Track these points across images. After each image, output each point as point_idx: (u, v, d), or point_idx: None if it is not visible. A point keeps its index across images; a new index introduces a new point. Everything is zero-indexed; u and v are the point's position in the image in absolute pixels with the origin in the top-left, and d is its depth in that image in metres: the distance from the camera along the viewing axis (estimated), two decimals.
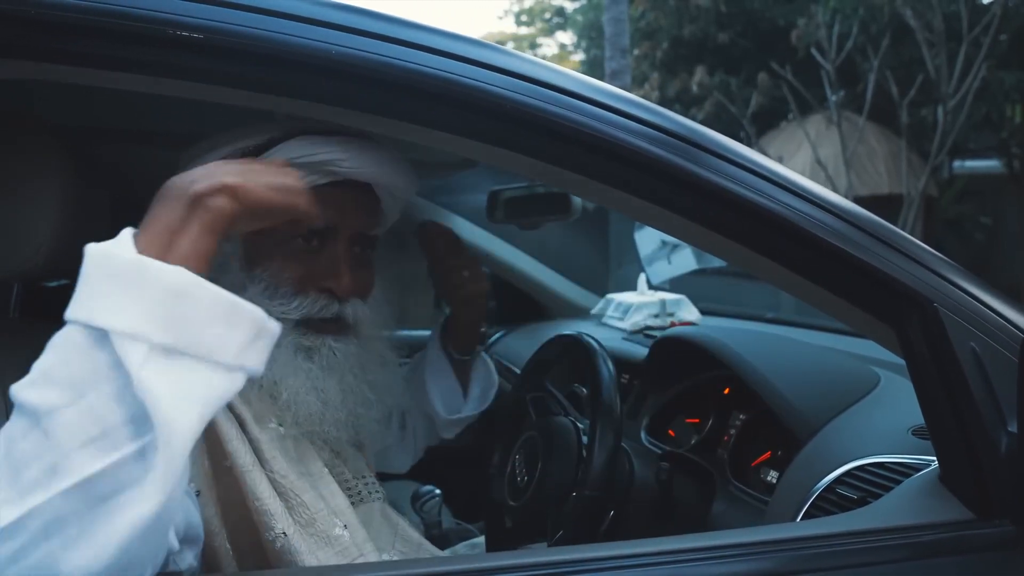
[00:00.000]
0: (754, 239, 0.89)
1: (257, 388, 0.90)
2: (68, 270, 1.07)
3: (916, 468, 0.99)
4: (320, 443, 0.95)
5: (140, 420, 0.53)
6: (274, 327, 0.63)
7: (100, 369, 0.54)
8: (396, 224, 2.17)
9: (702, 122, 0.90)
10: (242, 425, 0.86)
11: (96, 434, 0.52)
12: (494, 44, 0.85)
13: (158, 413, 0.52)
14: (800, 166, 9.16)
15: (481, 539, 1.42)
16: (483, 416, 1.39)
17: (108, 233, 1.05)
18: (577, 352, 1.23)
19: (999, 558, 0.84)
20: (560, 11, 18.00)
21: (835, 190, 8.27)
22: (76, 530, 0.50)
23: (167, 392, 0.53)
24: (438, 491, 1.62)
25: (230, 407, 0.85)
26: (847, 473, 1.03)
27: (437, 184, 2.20)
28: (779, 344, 1.38)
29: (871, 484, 1.00)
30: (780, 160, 9.07)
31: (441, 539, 1.53)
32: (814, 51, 8.25)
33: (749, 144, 9.39)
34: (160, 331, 0.55)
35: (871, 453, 1.05)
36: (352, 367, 0.96)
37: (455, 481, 1.87)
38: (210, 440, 0.82)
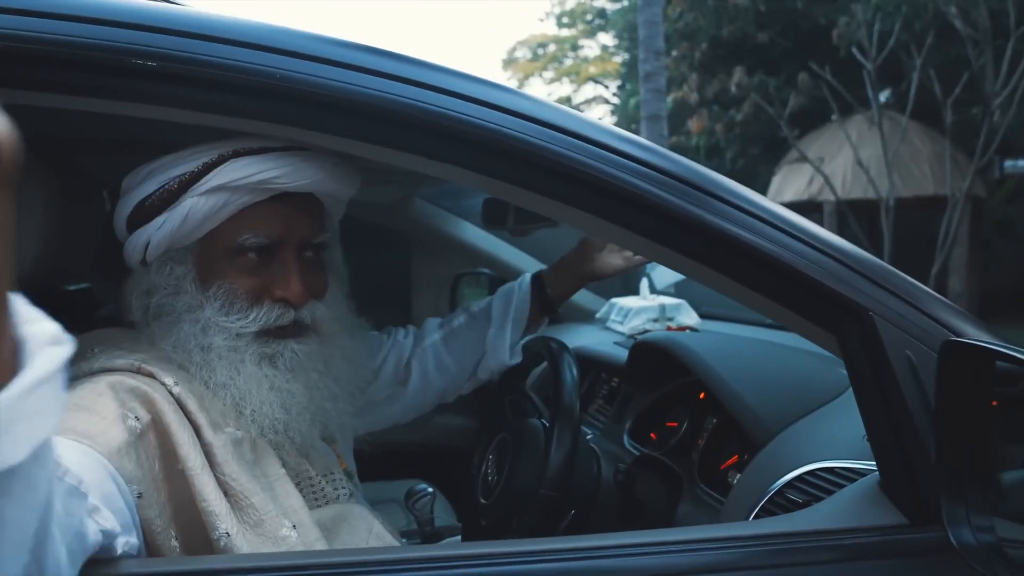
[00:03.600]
0: (701, 252, 0.91)
1: (220, 402, 0.94)
2: (61, 274, 1.15)
3: (863, 474, 1.00)
4: (286, 444, 0.99)
5: None
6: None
7: None
8: (425, 234, 2.22)
9: (740, 123, 0.92)
10: (197, 431, 0.90)
11: None
12: (498, 82, 0.89)
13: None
14: (841, 167, 9.01)
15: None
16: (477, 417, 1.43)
17: (100, 235, 1.11)
18: (547, 355, 1.27)
19: (926, 563, 0.85)
20: (602, 12, 17.97)
21: (877, 192, 8.14)
22: None
23: None
24: (430, 489, 1.67)
25: (186, 414, 0.90)
26: (798, 477, 1.05)
27: (444, 190, 2.26)
28: (752, 348, 1.40)
29: (819, 488, 1.02)
30: (820, 162, 8.95)
31: (433, 536, 1.58)
32: (855, 50, 8.11)
33: (788, 146, 9.28)
34: None
35: (826, 458, 1.07)
36: (316, 365, 1.00)
37: (455, 480, 1.92)
38: (165, 446, 0.87)
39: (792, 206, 9.34)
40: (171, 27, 0.79)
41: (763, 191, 9.60)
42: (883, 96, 8.88)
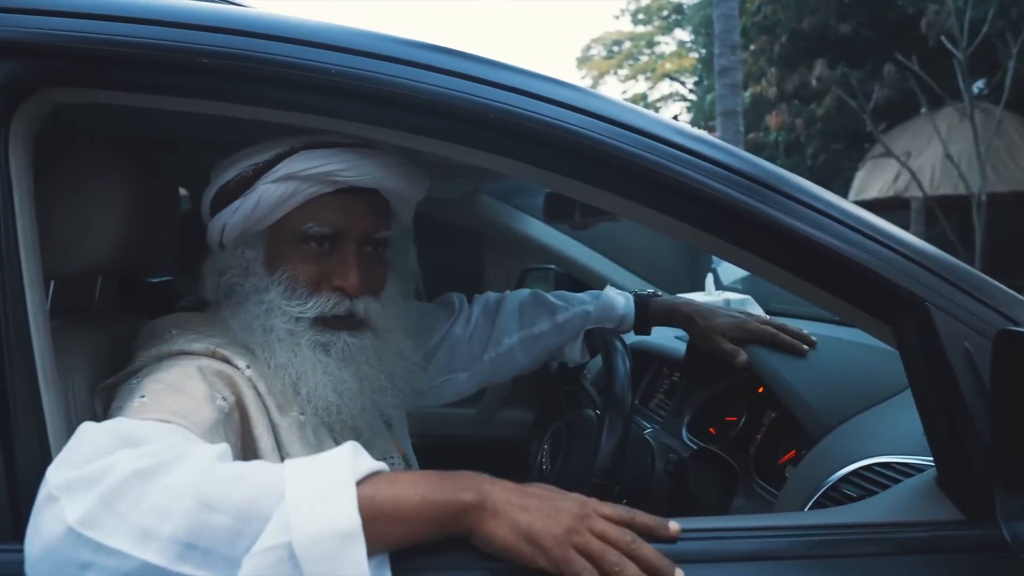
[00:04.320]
0: (760, 246, 0.91)
1: (281, 383, 1.00)
2: (138, 264, 1.22)
3: (921, 470, 0.98)
4: (340, 428, 1.04)
5: None
6: None
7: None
8: (494, 231, 2.27)
9: (821, 118, 0.91)
10: (268, 413, 0.96)
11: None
12: (568, 81, 0.90)
13: None
14: (929, 162, 8.64)
15: None
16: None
17: (177, 229, 1.18)
18: (600, 347, 1.28)
19: (978, 559, 0.83)
20: (678, 8, 17.73)
21: (968, 187, 7.77)
22: None
23: None
24: None
25: (261, 397, 0.96)
26: (854, 472, 1.03)
27: (508, 186, 2.28)
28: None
29: (875, 484, 1.00)
30: (907, 156, 8.60)
31: None
32: (944, 40, 7.76)
33: (872, 140, 8.95)
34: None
35: (885, 453, 1.05)
36: (368, 359, 1.05)
37: (516, 472, 1.95)
38: (244, 425, 0.93)
39: (877, 203, 8.98)
40: (236, 28, 0.84)
41: (846, 188, 9.32)
42: (976, 87, 8.47)
